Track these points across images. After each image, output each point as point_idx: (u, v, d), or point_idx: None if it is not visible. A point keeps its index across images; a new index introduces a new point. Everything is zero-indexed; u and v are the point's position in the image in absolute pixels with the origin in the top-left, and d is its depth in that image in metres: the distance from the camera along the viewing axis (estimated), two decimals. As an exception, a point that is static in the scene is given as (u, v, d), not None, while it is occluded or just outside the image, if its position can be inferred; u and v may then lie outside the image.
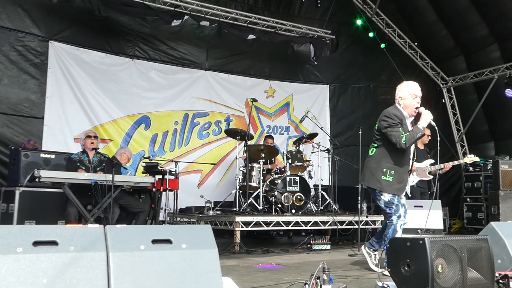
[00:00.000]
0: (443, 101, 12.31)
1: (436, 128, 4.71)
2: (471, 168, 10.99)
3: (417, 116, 4.72)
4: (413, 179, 7.50)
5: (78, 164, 6.35)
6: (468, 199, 10.89)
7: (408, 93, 4.78)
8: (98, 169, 6.41)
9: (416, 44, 11.92)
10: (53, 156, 7.01)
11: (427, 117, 4.64)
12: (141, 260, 2.75)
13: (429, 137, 7.69)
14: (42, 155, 6.98)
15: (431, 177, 7.47)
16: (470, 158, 7.26)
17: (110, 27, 9.14)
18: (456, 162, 7.48)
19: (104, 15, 8.67)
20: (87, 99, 8.83)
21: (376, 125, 4.85)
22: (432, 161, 7.52)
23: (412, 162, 4.84)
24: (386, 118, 4.67)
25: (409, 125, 4.76)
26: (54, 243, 2.61)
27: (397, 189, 4.64)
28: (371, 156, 4.81)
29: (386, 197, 4.64)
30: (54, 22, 8.60)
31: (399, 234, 4.63)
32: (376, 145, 4.80)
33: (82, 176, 5.83)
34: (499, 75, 10.67)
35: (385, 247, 3.71)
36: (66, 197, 5.83)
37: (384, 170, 4.60)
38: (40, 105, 8.36)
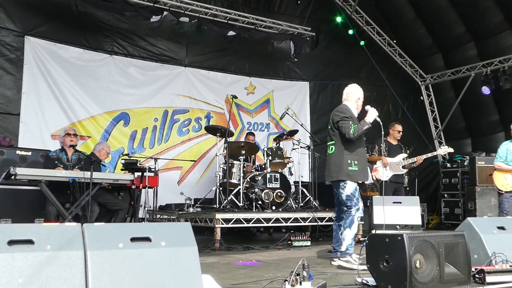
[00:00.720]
0: (422, 98, 12.46)
1: (381, 123, 5.31)
2: (448, 165, 11.16)
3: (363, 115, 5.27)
4: (386, 174, 7.58)
5: (56, 162, 6.26)
6: (445, 195, 11.05)
7: (355, 95, 5.39)
8: (76, 167, 6.32)
9: (395, 41, 12.03)
10: (29, 153, 6.90)
11: (372, 113, 5.16)
12: (119, 258, 2.73)
13: (401, 133, 7.79)
14: (18, 152, 6.87)
15: (405, 170, 7.57)
16: (445, 149, 7.37)
17: (87, 22, 9.01)
18: (429, 154, 7.57)
19: (81, 10, 8.57)
20: (65, 96, 8.70)
21: (330, 124, 5.36)
22: (405, 155, 7.61)
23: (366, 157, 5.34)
24: (338, 113, 5.24)
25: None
26: (30, 242, 2.57)
27: (364, 176, 5.14)
28: (332, 153, 5.23)
29: (349, 189, 5.00)
30: (30, 17, 8.44)
31: (355, 226, 4.96)
32: (333, 141, 5.26)
33: (59, 174, 5.73)
34: (476, 72, 10.84)
35: (364, 243, 3.74)
36: (44, 195, 5.74)
37: (349, 161, 5.04)
38: (16, 101, 8.21)
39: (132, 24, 9.48)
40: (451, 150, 7.45)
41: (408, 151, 7.82)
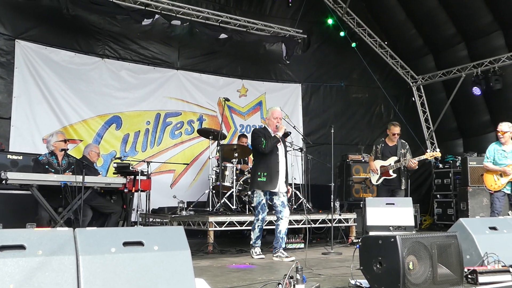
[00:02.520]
0: (413, 99, 12.51)
1: (290, 133, 6.38)
2: (440, 165, 11.20)
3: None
4: (376, 178, 7.61)
5: (46, 166, 6.20)
6: (438, 195, 11.09)
7: (271, 117, 6.13)
8: (67, 171, 6.28)
9: (386, 43, 12.07)
10: (20, 157, 6.85)
11: (282, 129, 6.06)
12: (112, 263, 2.72)
13: (395, 136, 7.76)
14: (9, 156, 6.82)
15: (395, 175, 7.50)
16: (431, 154, 7.41)
17: (79, 26, 8.97)
18: (416, 159, 7.56)
19: (72, 14, 8.53)
20: (56, 99, 8.66)
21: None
22: (396, 158, 7.57)
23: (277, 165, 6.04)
24: (252, 135, 6.22)
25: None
26: (21, 247, 2.55)
27: (271, 186, 5.91)
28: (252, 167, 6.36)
29: (257, 198, 5.96)
30: (21, 20, 8.39)
31: (256, 231, 6.09)
32: (253, 158, 6.46)
33: (51, 178, 5.70)
34: (467, 73, 10.90)
35: (357, 245, 3.75)
36: (36, 200, 5.70)
37: (259, 173, 5.91)
38: (6, 105, 8.15)
39: (124, 27, 9.45)
40: (439, 154, 7.49)
41: (407, 154, 7.76)
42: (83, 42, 9.11)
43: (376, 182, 7.63)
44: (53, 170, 6.17)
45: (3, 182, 5.34)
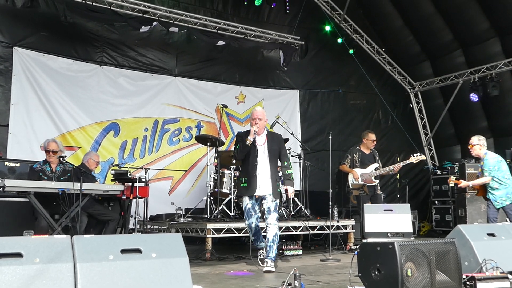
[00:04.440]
0: (411, 105, 12.55)
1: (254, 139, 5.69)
2: (438, 172, 11.22)
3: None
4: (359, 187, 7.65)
5: (40, 174, 6.17)
6: (436, 202, 11.10)
7: (251, 118, 5.81)
8: (62, 179, 6.24)
9: (383, 49, 12.12)
10: (18, 165, 6.82)
11: (251, 134, 5.57)
12: (109, 271, 2.71)
13: (375, 142, 7.82)
14: (6, 163, 6.79)
15: (377, 181, 7.57)
16: (417, 157, 7.43)
17: (76, 33, 8.98)
18: (401, 163, 7.58)
19: (70, 21, 8.51)
20: (54, 106, 8.65)
21: None
22: (377, 165, 7.62)
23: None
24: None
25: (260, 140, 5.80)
26: (18, 255, 2.55)
27: (250, 191, 5.63)
28: None
29: (244, 203, 5.74)
30: (19, 28, 8.40)
31: (251, 234, 5.81)
32: None
33: (49, 185, 5.68)
34: (464, 79, 10.94)
35: (355, 252, 3.74)
36: (33, 207, 5.68)
37: (241, 179, 5.81)
38: (4, 112, 8.14)
39: (122, 34, 9.46)
40: (423, 157, 7.54)
41: (380, 161, 7.82)
42: (81, 49, 9.12)
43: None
44: (46, 178, 6.14)
45: (1, 189, 5.32)
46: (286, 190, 5.87)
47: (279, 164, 5.89)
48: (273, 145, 5.76)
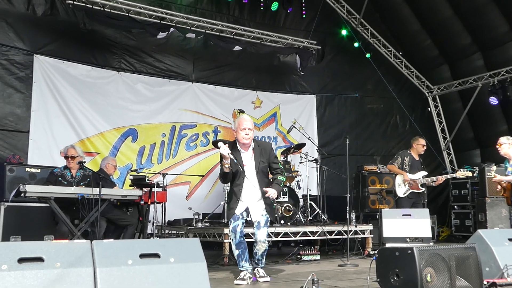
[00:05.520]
0: (429, 109, 12.43)
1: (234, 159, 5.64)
2: (458, 176, 11.07)
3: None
4: (404, 191, 7.57)
5: (59, 179, 6.24)
6: (455, 206, 10.96)
7: (238, 128, 5.03)
8: (81, 184, 6.31)
9: (401, 53, 12.04)
10: (38, 171, 6.92)
11: (226, 158, 4.81)
12: (128, 275, 2.73)
13: (424, 147, 7.76)
14: (27, 169, 6.89)
15: (423, 189, 7.53)
16: (463, 173, 7.41)
17: (95, 40, 9.10)
18: (448, 176, 7.61)
19: (89, 28, 8.65)
20: (73, 113, 8.76)
21: None
22: (425, 173, 7.60)
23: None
24: None
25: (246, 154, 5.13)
26: (40, 259, 2.58)
27: (230, 214, 5.09)
28: None
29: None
30: (39, 35, 8.54)
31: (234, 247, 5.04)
32: None
33: (68, 190, 5.75)
34: (483, 83, 10.80)
35: (374, 257, 3.72)
36: (53, 212, 5.75)
37: (227, 201, 5.39)
38: (25, 119, 8.27)
39: (139, 41, 9.56)
40: (470, 174, 7.52)
41: (423, 167, 7.78)
42: (100, 56, 9.24)
43: (403, 194, 7.60)
44: (65, 183, 6.20)
45: (22, 195, 5.41)
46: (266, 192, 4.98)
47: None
48: (262, 160, 5.06)
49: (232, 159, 4.84)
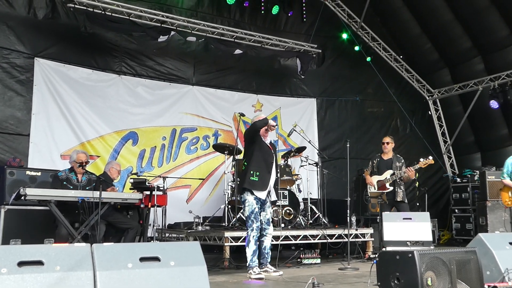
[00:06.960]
0: (429, 113, 12.43)
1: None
2: (458, 179, 11.07)
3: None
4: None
5: (64, 182, 6.22)
6: (456, 210, 10.94)
7: (269, 125, 5.77)
8: (87, 188, 6.27)
9: (401, 57, 12.05)
10: (39, 174, 6.91)
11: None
12: (129, 279, 2.73)
13: (385, 145, 7.71)
14: (28, 172, 6.88)
15: (391, 188, 7.43)
16: (425, 162, 7.31)
17: (96, 43, 9.11)
18: (411, 168, 7.42)
19: (90, 32, 8.65)
20: (74, 116, 8.77)
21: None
22: (392, 171, 7.49)
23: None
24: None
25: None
26: (39, 263, 2.57)
27: (263, 187, 5.67)
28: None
29: (250, 207, 5.63)
30: (40, 39, 8.55)
31: (253, 244, 5.55)
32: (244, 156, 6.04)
33: (69, 194, 5.74)
34: (484, 86, 10.81)
35: (374, 261, 3.71)
36: (54, 215, 5.74)
37: (251, 172, 5.64)
38: (26, 122, 8.27)
39: (140, 44, 9.57)
40: (432, 161, 7.39)
41: (401, 168, 7.64)
42: (100, 59, 9.24)
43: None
44: (71, 187, 6.18)
45: (22, 198, 5.40)
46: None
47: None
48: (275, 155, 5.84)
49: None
